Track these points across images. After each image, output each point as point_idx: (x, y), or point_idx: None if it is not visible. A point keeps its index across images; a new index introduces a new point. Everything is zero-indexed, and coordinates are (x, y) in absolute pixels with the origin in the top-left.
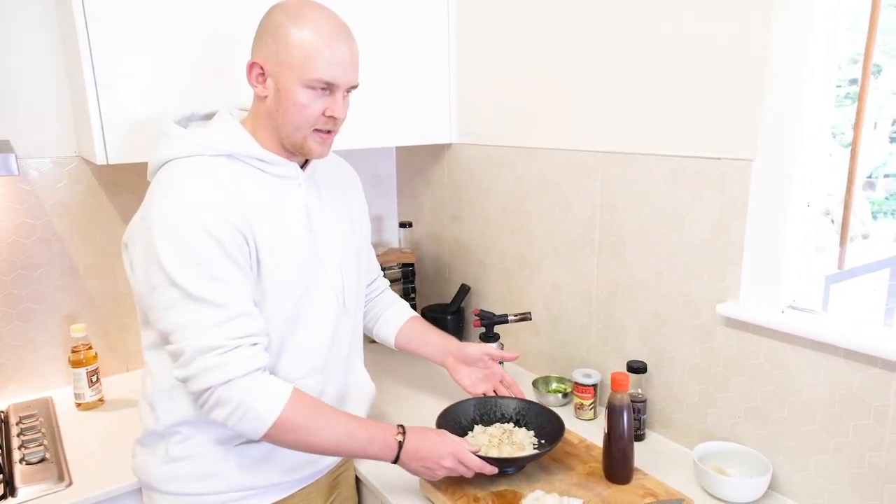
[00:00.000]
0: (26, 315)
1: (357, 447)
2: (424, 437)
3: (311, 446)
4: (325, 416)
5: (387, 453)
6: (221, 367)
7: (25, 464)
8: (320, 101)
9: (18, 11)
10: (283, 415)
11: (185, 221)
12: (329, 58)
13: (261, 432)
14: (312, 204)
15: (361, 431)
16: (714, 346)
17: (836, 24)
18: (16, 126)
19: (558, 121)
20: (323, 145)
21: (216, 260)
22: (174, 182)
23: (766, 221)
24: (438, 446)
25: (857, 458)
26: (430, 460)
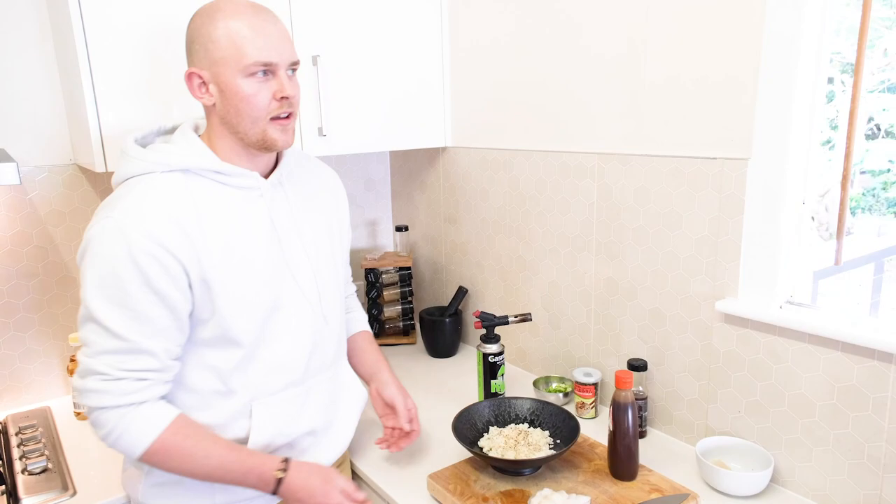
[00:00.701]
0: (23, 325)
1: (232, 479)
2: (308, 479)
3: (187, 474)
4: (200, 446)
5: (264, 488)
6: (100, 392)
7: (28, 474)
8: (266, 86)
9: (12, 18)
10: (154, 445)
11: (115, 245)
12: (257, 39)
13: (134, 456)
14: (279, 214)
15: (237, 465)
16: (713, 343)
17: (824, 25)
18: (11, 134)
19: (553, 123)
20: (285, 132)
21: (134, 291)
22: (119, 202)
23: (762, 219)
24: (323, 493)
25: (857, 450)
26: (312, 498)
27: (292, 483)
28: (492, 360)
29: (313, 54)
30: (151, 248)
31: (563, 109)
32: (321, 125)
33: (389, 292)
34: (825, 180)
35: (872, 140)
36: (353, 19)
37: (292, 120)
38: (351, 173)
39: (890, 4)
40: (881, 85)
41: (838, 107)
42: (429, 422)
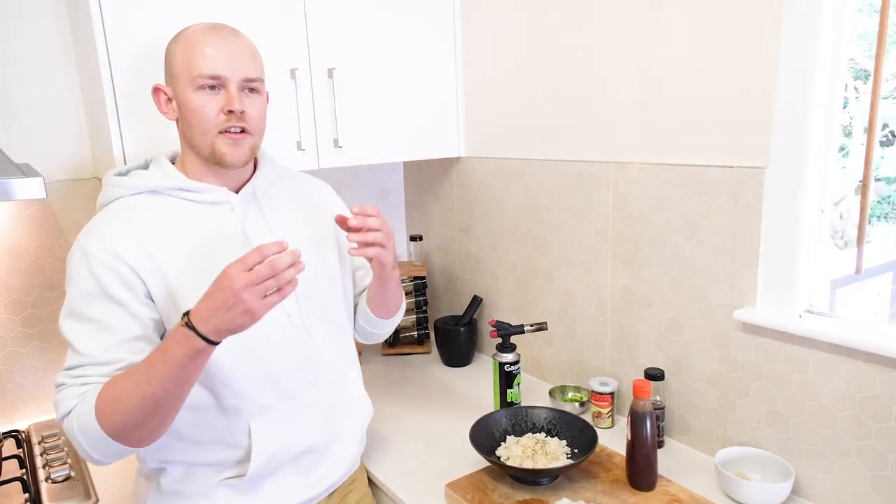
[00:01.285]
0: (46, 335)
1: (162, 367)
2: (205, 296)
3: (139, 406)
4: (124, 375)
5: (188, 343)
6: (59, 402)
7: (51, 482)
8: (214, 99)
9: (36, 34)
10: (96, 410)
11: (78, 264)
12: (206, 51)
13: (101, 439)
14: (254, 228)
15: (154, 353)
16: (732, 352)
17: (841, 33)
18: (34, 148)
19: (567, 132)
20: (235, 146)
21: (96, 304)
22: (90, 225)
23: (780, 227)
24: (218, 284)
25: (880, 461)
26: (226, 304)
27: (200, 313)
28: (507, 369)
29: (329, 67)
30: (107, 259)
31: (577, 119)
32: (337, 136)
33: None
34: (839, 188)
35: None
36: (367, 32)
37: (247, 137)
38: (365, 184)
39: None
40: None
41: (852, 113)
42: (445, 431)
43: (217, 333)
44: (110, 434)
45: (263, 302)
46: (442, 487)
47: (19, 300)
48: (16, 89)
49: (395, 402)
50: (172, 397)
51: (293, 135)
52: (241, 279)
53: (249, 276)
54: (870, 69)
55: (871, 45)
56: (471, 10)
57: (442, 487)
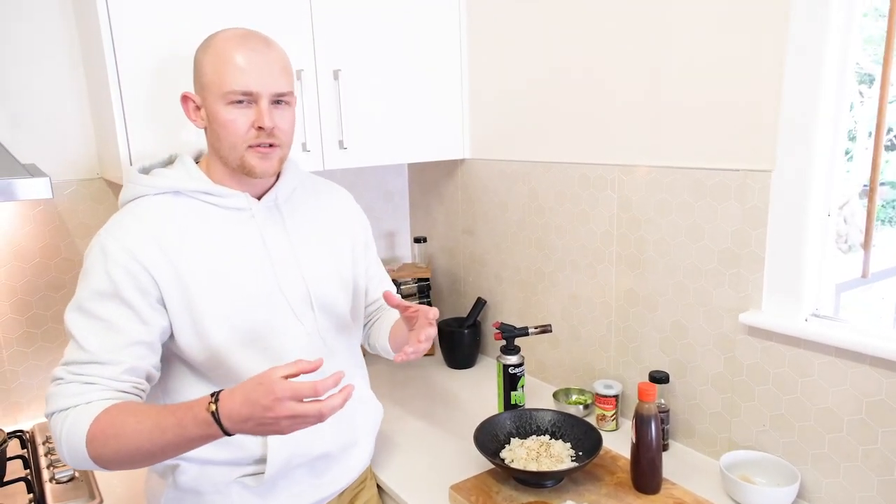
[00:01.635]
0: (51, 335)
1: (172, 437)
2: (243, 395)
3: (132, 454)
4: (132, 416)
5: (207, 429)
6: (53, 397)
7: (56, 483)
8: (245, 114)
9: (43, 36)
10: (90, 431)
11: (95, 261)
12: (240, 67)
13: (82, 455)
14: (272, 235)
15: (169, 418)
16: (737, 355)
17: (849, 36)
18: (40, 148)
19: (572, 135)
20: (265, 160)
21: (106, 302)
22: (111, 222)
23: (786, 231)
24: (262, 397)
25: (887, 465)
26: (262, 420)
27: (232, 412)
28: (512, 371)
29: (334, 68)
30: (123, 259)
31: (582, 121)
32: (342, 138)
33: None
34: (844, 192)
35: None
36: (373, 34)
37: (276, 150)
38: (369, 185)
39: None
40: None
41: (856, 117)
42: (449, 433)
43: (236, 431)
44: (93, 457)
45: (292, 424)
46: (446, 489)
47: (24, 300)
48: (22, 90)
49: (398, 405)
50: (168, 457)
51: (298, 136)
52: (286, 409)
53: (296, 409)
54: (875, 74)
55: (876, 49)
56: (476, 13)
57: (446, 489)
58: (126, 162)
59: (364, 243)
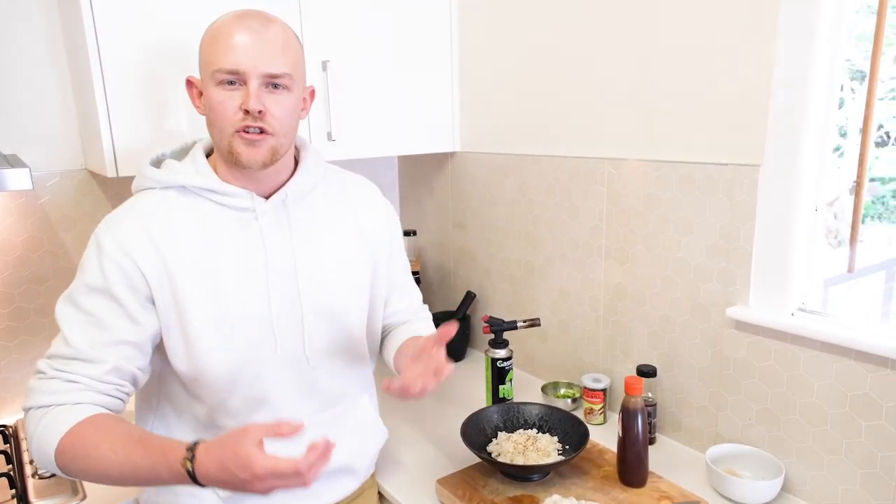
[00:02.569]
0: (34, 329)
1: (144, 475)
2: (219, 462)
3: (99, 477)
4: (106, 441)
5: (181, 480)
6: (32, 392)
7: (38, 478)
8: (233, 96)
9: (24, 26)
10: (62, 442)
11: (90, 254)
12: (228, 43)
13: (50, 463)
14: (273, 240)
15: (144, 458)
16: (724, 350)
17: (840, 32)
18: (23, 140)
19: (562, 129)
20: (252, 148)
21: (96, 297)
22: (112, 214)
23: (774, 225)
24: (239, 471)
25: (870, 459)
26: (238, 488)
27: (208, 474)
28: (500, 365)
29: (323, 59)
30: (117, 255)
31: (573, 115)
32: (330, 130)
33: None
34: (834, 187)
35: (882, 147)
36: (362, 25)
37: (266, 138)
38: None
39: None
40: (891, 92)
41: (847, 114)
42: (437, 427)
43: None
44: (59, 467)
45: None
46: (433, 483)
47: (7, 294)
48: (3, 79)
49: (386, 397)
50: (137, 486)
51: None
52: (264, 485)
53: (275, 483)
54: (866, 70)
55: (867, 46)
56: (467, 5)
57: (433, 483)
58: (109, 153)
59: (389, 250)
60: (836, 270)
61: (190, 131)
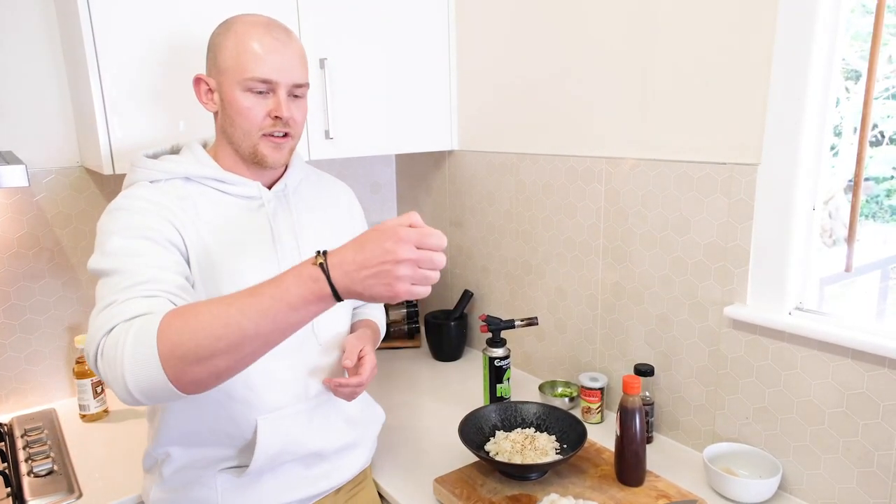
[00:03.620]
0: (29, 326)
1: (268, 304)
2: (357, 241)
3: (217, 335)
4: (215, 298)
5: (312, 287)
6: (110, 318)
7: (34, 476)
8: (263, 102)
9: (21, 23)
10: (166, 317)
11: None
12: (262, 56)
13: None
14: (280, 226)
15: (264, 284)
16: (721, 349)
17: (837, 32)
18: (19, 136)
19: (560, 127)
20: (277, 150)
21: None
22: (124, 192)
23: (772, 225)
24: (382, 238)
25: (867, 458)
26: (376, 260)
27: (344, 260)
28: (498, 364)
29: (320, 57)
30: (154, 209)
31: (570, 114)
32: (328, 128)
33: None
34: (829, 187)
35: (876, 147)
36: (360, 22)
37: (289, 140)
38: (357, 176)
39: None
40: (886, 92)
41: (842, 113)
42: (434, 425)
43: (346, 291)
44: (164, 356)
45: (409, 286)
46: (431, 482)
47: (2, 291)
48: (0, 76)
49: (384, 397)
50: (259, 342)
51: None
52: (409, 251)
53: (419, 254)
54: (861, 70)
55: (863, 46)
56: (465, 3)
57: (431, 482)
58: (106, 150)
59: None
60: (831, 269)
61: (186, 127)
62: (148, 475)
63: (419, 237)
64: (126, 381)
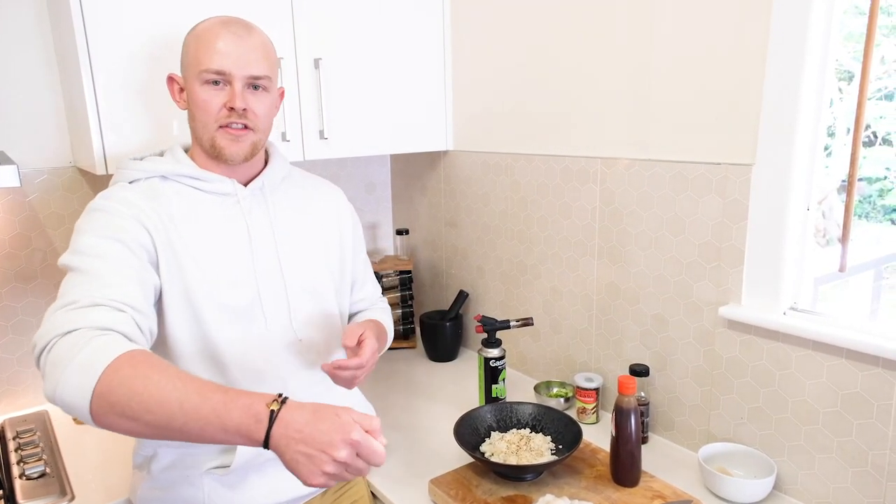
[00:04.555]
0: (21, 328)
1: (208, 411)
2: (316, 412)
3: (148, 407)
4: (177, 371)
5: (251, 425)
6: (67, 321)
7: (25, 479)
8: (219, 94)
9: (12, 21)
10: (123, 356)
11: (95, 215)
12: (215, 47)
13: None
14: (255, 222)
15: (216, 392)
16: (716, 349)
17: (830, 33)
18: (10, 136)
19: (555, 127)
20: (235, 142)
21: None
22: (105, 191)
23: (766, 225)
24: (336, 428)
25: (861, 457)
26: (317, 444)
27: (292, 421)
28: (493, 364)
29: (315, 57)
30: (128, 212)
31: (566, 114)
32: (322, 128)
33: (390, 296)
34: (823, 187)
35: (869, 147)
36: (355, 22)
37: (248, 133)
38: (352, 176)
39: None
40: (878, 93)
41: (835, 113)
42: (429, 426)
43: (276, 446)
44: (98, 392)
45: (321, 482)
46: (426, 483)
47: None
48: None
49: (379, 397)
50: (176, 434)
51: (278, 125)
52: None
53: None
54: (853, 70)
55: (855, 46)
56: (460, 4)
57: (426, 483)
58: (99, 151)
59: (353, 239)
60: (824, 269)
61: (179, 127)
62: (137, 472)
63: (367, 449)
64: (57, 386)
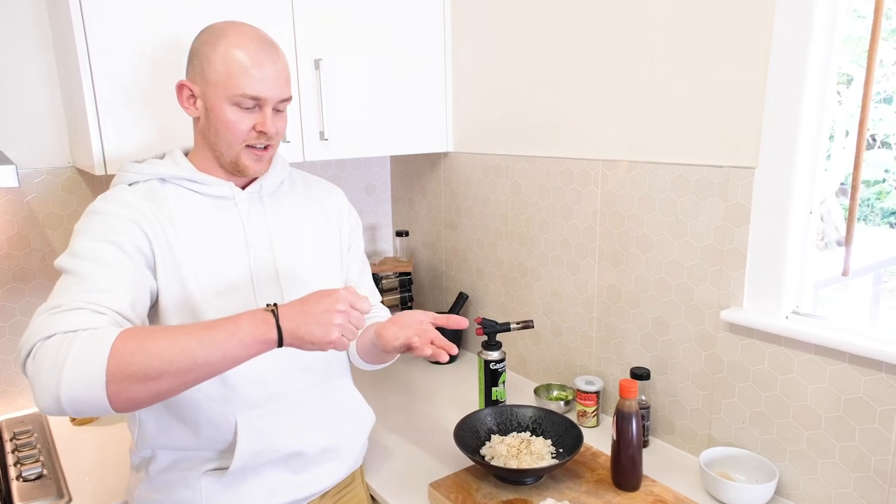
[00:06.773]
0: (19, 328)
1: (223, 333)
2: (304, 299)
3: (166, 363)
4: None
5: (262, 326)
6: (49, 324)
7: (22, 480)
8: (249, 116)
9: (12, 22)
10: (119, 339)
11: (94, 217)
12: (253, 73)
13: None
14: (253, 225)
15: (220, 320)
16: (718, 352)
17: (833, 36)
18: (9, 136)
19: (556, 129)
20: (259, 161)
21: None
22: (106, 193)
23: (768, 228)
24: (324, 294)
25: (863, 462)
26: (319, 309)
27: (290, 312)
28: (493, 367)
29: (315, 58)
30: (126, 214)
31: (567, 115)
32: (323, 129)
33: (389, 298)
34: (822, 190)
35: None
36: (355, 23)
37: (269, 151)
38: (351, 178)
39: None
40: (877, 96)
41: (835, 117)
42: (429, 429)
43: (290, 335)
44: (111, 374)
45: (338, 336)
46: (425, 487)
47: None
48: None
49: (378, 400)
50: (204, 371)
51: None
52: (344, 306)
53: (351, 311)
54: (853, 74)
55: (854, 50)
56: (461, 5)
57: (425, 487)
58: (98, 152)
59: (350, 242)
60: (824, 273)
61: (178, 127)
62: (135, 473)
63: (354, 299)
64: (59, 389)
